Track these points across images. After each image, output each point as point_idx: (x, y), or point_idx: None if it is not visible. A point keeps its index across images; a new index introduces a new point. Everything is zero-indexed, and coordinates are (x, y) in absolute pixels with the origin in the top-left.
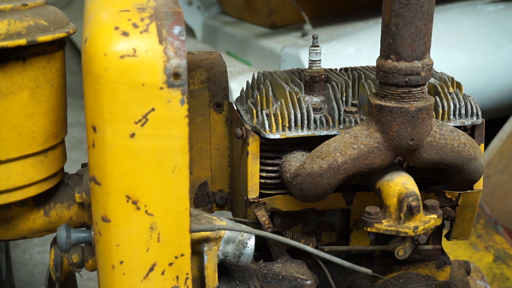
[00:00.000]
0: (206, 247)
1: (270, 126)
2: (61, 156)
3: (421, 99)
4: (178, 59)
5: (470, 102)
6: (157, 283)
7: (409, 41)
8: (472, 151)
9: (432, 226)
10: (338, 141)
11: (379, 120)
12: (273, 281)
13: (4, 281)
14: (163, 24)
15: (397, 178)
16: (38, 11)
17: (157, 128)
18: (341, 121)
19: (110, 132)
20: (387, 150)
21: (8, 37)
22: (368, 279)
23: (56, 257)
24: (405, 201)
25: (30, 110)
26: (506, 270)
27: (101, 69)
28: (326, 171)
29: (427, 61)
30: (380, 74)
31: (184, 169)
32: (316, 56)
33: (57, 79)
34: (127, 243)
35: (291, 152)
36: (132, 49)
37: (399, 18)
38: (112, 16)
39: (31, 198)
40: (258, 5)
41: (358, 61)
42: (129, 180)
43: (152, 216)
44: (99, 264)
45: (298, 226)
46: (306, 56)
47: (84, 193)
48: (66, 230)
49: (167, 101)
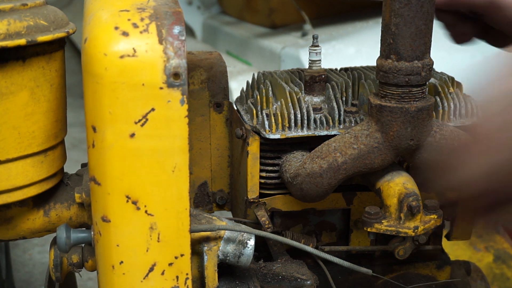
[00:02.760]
0: (206, 247)
1: (270, 126)
2: (61, 156)
3: (421, 99)
4: (178, 59)
5: (470, 102)
6: (157, 283)
7: (409, 41)
8: None
9: (432, 226)
10: (338, 141)
11: (379, 120)
12: (273, 281)
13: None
14: (163, 24)
15: (397, 178)
16: (37, 11)
17: (157, 128)
18: (341, 121)
19: (110, 132)
20: (387, 150)
21: (8, 37)
22: (368, 279)
23: (55, 257)
24: (405, 201)
25: (30, 110)
26: (506, 270)
27: (101, 69)
28: (326, 171)
29: (427, 61)
30: (380, 74)
31: (184, 169)
32: (316, 56)
33: (57, 79)
34: (127, 243)
35: (291, 152)
36: (132, 49)
37: (399, 18)
38: (112, 16)
39: (30, 198)
40: (258, 5)
41: (358, 61)
42: (129, 180)
43: (152, 216)
44: (99, 264)
45: (298, 226)
46: (306, 56)
47: (84, 193)
48: (66, 230)
49: (167, 101)
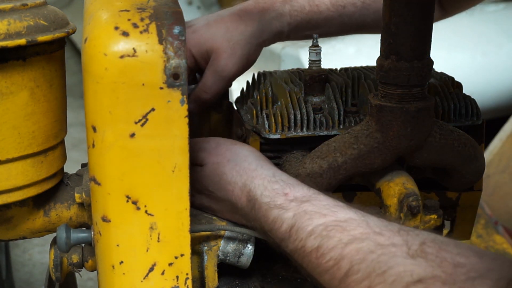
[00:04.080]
0: (206, 247)
1: (270, 126)
2: (61, 156)
3: (421, 99)
4: (178, 59)
5: (470, 102)
6: (157, 283)
7: (409, 41)
8: (472, 151)
9: (432, 226)
10: (338, 141)
11: (379, 120)
12: (273, 281)
13: (4, 281)
14: (163, 24)
15: (397, 178)
16: (38, 11)
17: (157, 128)
18: (341, 121)
19: (110, 132)
20: (387, 150)
21: (8, 37)
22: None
23: (56, 257)
24: (405, 201)
25: (30, 110)
26: None
27: (101, 69)
28: (326, 171)
29: (427, 61)
30: (380, 74)
31: (184, 169)
32: (316, 56)
33: (57, 79)
34: (127, 243)
35: (291, 152)
36: (132, 49)
37: (399, 18)
38: (112, 16)
39: (30, 198)
40: None
41: (358, 61)
42: (129, 180)
43: (152, 216)
44: (99, 264)
45: None
46: (306, 56)
47: (84, 193)
48: (66, 230)
49: (167, 101)
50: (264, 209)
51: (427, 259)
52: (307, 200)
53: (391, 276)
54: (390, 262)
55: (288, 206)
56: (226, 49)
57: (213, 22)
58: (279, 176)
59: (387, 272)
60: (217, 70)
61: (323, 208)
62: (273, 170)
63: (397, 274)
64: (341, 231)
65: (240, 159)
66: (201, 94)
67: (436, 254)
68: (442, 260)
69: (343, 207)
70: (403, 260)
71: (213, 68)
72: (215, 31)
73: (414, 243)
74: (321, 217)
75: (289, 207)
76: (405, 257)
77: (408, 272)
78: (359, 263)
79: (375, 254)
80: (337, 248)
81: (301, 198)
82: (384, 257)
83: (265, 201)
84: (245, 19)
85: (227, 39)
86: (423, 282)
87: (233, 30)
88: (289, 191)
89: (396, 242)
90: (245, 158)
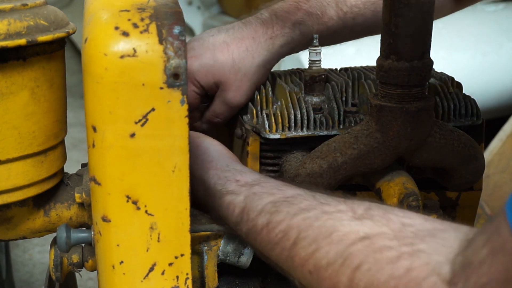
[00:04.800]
0: (206, 247)
1: (270, 126)
2: (61, 156)
3: (421, 99)
4: (178, 59)
5: (470, 102)
6: (157, 283)
7: (409, 41)
8: (472, 151)
9: None
10: (338, 141)
11: (379, 120)
12: (273, 281)
13: (4, 281)
14: (163, 24)
15: (397, 178)
16: (38, 11)
17: (157, 128)
18: (341, 121)
19: (110, 132)
20: (387, 150)
21: (8, 37)
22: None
23: (56, 257)
24: (405, 201)
25: (30, 110)
26: None
27: (101, 69)
28: (326, 171)
29: (427, 61)
30: (380, 74)
31: (184, 169)
32: (316, 56)
33: (57, 79)
34: (127, 243)
35: (291, 152)
36: (132, 49)
37: (399, 18)
38: (112, 16)
39: (31, 198)
40: (258, 5)
41: (358, 61)
42: (129, 180)
43: (152, 216)
44: (99, 264)
45: None
46: (306, 56)
47: (84, 193)
48: (66, 230)
49: (167, 101)
50: (218, 197)
51: (373, 220)
52: (257, 184)
53: (337, 237)
54: (336, 225)
55: (239, 190)
56: (234, 81)
57: (218, 51)
58: (232, 165)
59: (333, 233)
60: (226, 101)
61: (272, 188)
62: (229, 161)
63: (343, 234)
64: (288, 206)
65: (200, 151)
66: (212, 119)
67: (382, 215)
68: (388, 220)
69: (291, 186)
70: (349, 222)
71: (221, 99)
72: (222, 64)
73: (360, 208)
74: (270, 196)
75: (240, 191)
76: (350, 219)
77: (354, 231)
78: (306, 230)
79: (321, 221)
80: (285, 220)
81: (251, 182)
82: (330, 221)
83: (218, 189)
84: (252, 50)
85: (234, 72)
86: (370, 238)
87: (240, 63)
88: (240, 177)
89: (342, 208)
90: (204, 151)
